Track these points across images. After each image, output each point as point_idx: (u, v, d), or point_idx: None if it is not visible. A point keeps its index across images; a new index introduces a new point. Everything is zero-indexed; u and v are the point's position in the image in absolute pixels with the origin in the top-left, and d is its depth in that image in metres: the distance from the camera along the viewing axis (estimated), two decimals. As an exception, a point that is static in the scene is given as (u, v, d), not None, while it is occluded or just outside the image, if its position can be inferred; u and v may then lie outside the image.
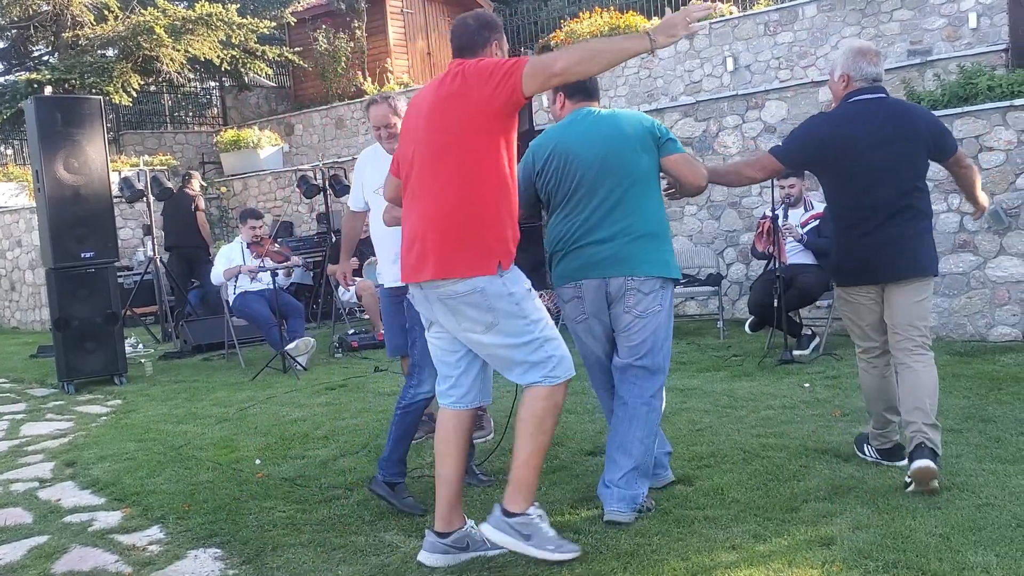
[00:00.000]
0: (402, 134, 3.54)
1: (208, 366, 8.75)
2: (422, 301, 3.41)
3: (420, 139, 3.32)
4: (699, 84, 12.39)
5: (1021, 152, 6.60)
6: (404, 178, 3.43)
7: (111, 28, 15.42)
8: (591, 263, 3.81)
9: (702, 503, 3.80)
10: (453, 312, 3.29)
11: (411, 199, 3.37)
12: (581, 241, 3.83)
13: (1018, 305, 6.69)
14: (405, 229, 3.40)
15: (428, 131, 3.29)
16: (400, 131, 3.67)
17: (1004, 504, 3.51)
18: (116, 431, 6.08)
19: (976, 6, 10.02)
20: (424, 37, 18.21)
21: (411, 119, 3.44)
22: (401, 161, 3.48)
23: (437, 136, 3.26)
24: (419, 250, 3.29)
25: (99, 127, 8.00)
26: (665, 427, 5.03)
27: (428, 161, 3.29)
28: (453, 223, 3.22)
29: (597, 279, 3.80)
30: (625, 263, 3.77)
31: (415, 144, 3.34)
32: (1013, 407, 4.94)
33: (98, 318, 7.90)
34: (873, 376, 4.11)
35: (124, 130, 18.00)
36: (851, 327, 4.19)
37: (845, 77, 4.00)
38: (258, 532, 3.87)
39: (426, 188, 3.29)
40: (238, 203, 14.38)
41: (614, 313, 3.85)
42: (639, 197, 3.81)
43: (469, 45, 3.35)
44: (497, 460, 4.58)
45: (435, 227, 3.24)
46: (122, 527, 4.09)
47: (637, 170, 3.80)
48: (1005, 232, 6.70)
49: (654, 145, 3.85)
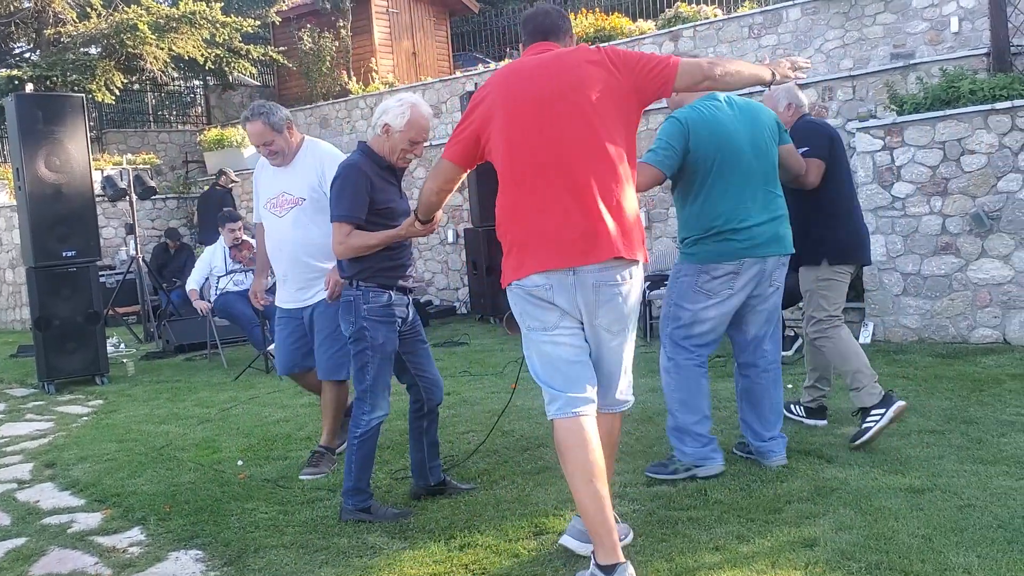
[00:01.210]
0: (510, 113, 3.16)
1: (190, 366, 8.70)
2: (568, 289, 3.09)
3: (557, 115, 3.09)
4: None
5: (1002, 155, 6.64)
6: (524, 157, 3.12)
7: (94, 25, 15.30)
8: (755, 243, 4.11)
9: (685, 504, 3.80)
10: (607, 300, 3.12)
11: (556, 176, 3.08)
12: (744, 222, 4.08)
13: (999, 307, 6.73)
14: (552, 208, 3.08)
15: (568, 110, 3.09)
16: (497, 107, 3.18)
17: (985, 505, 3.53)
18: (97, 431, 6.04)
19: (958, 10, 10.08)
20: (410, 37, 18.16)
21: (525, 95, 3.15)
22: (515, 142, 3.14)
23: (582, 117, 3.09)
24: (584, 230, 3.05)
25: (81, 125, 7.94)
26: (648, 428, 5.05)
27: (579, 138, 3.09)
28: (621, 203, 3.11)
29: (758, 258, 4.13)
30: (780, 242, 4.19)
31: (544, 120, 3.10)
32: (994, 408, 4.97)
33: (79, 317, 7.85)
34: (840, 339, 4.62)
35: (107, 128, 17.87)
36: (827, 303, 4.67)
37: (791, 106, 4.80)
38: (240, 533, 3.85)
39: (580, 166, 3.07)
40: (221, 202, 14.29)
41: (759, 289, 4.20)
42: (776, 181, 4.26)
43: (555, 29, 3.36)
44: (481, 462, 4.58)
45: (605, 207, 3.07)
46: (102, 529, 4.06)
47: (775, 156, 4.24)
48: (987, 235, 6.74)
49: (778, 134, 4.31)
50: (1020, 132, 6.56)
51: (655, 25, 13.51)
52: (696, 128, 4.05)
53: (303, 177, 4.62)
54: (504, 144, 3.15)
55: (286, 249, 4.67)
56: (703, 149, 4.05)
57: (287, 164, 4.68)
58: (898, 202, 7.12)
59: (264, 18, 17.17)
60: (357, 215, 3.76)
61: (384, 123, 3.83)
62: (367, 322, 3.80)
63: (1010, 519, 3.37)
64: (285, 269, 4.72)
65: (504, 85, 3.21)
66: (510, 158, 3.15)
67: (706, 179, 4.09)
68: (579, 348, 3.17)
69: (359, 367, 3.85)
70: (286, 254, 4.68)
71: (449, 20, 19.41)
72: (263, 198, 4.76)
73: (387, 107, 3.84)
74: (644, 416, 5.34)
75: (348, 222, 3.76)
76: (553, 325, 3.14)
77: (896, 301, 7.18)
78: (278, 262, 4.76)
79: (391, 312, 3.86)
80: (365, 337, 3.81)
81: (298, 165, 4.67)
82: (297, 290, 4.71)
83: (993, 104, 6.66)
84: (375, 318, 3.82)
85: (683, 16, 12.97)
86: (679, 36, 12.40)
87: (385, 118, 3.82)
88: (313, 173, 4.60)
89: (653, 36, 12.72)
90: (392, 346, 3.88)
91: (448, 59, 19.02)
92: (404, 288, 3.94)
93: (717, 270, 4.12)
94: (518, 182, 3.14)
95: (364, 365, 3.83)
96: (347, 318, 3.86)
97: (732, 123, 4.11)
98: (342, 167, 3.87)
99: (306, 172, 4.63)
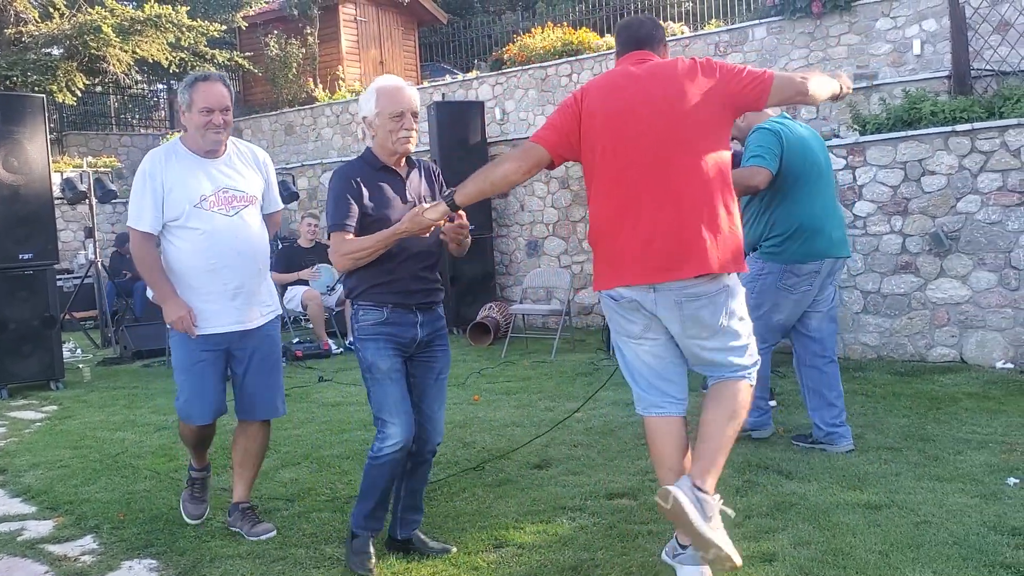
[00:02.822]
0: (608, 121, 3.15)
1: (148, 372, 8.57)
2: (649, 304, 3.13)
3: (652, 125, 3.10)
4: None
5: (962, 176, 6.75)
6: (619, 168, 3.12)
7: (56, 26, 15.10)
8: (832, 244, 4.73)
9: (646, 517, 3.80)
10: (691, 315, 3.11)
11: (650, 189, 3.09)
12: (824, 224, 4.71)
13: (957, 327, 6.83)
14: (643, 222, 3.08)
15: (665, 122, 3.10)
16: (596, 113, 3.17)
17: (941, 522, 3.56)
18: (50, 438, 5.92)
19: (920, 33, 10.25)
20: (377, 46, 18.13)
21: (623, 105, 3.15)
22: (611, 152, 3.14)
23: (679, 129, 3.10)
24: (671, 247, 3.05)
25: (41, 126, 7.82)
26: (611, 441, 5.06)
27: (675, 148, 3.09)
28: (716, 216, 3.08)
29: (832, 258, 4.74)
30: (845, 244, 4.85)
31: (640, 131, 3.10)
32: (951, 426, 5.04)
33: (35, 321, 7.71)
34: None
35: (67, 130, 17.63)
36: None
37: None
38: (195, 543, 3.78)
39: (675, 180, 3.08)
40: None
41: (824, 286, 4.80)
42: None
43: (650, 39, 3.36)
44: (442, 473, 4.55)
45: (697, 220, 3.06)
46: (53, 537, 3.97)
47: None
48: (945, 255, 6.84)
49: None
50: (979, 154, 6.68)
51: (623, 40, 13.57)
52: (788, 139, 4.65)
53: (250, 176, 3.95)
54: (600, 152, 3.16)
55: (247, 254, 3.87)
56: (794, 158, 4.65)
57: (218, 156, 3.87)
58: (859, 221, 7.20)
59: (231, 23, 17.06)
60: (343, 222, 3.39)
61: (362, 119, 3.52)
62: (359, 341, 3.49)
63: (965, 536, 3.41)
64: (240, 281, 3.85)
65: (603, 93, 3.20)
66: (605, 167, 3.15)
67: (795, 184, 4.67)
68: (662, 357, 3.25)
69: (367, 392, 3.52)
70: (246, 260, 3.87)
71: (417, 30, 19.42)
72: (183, 196, 3.76)
73: (359, 106, 3.59)
74: (606, 429, 5.35)
75: (339, 231, 3.40)
76: (637, 335, 3.22)
77: (856, 319, 7.26)
78: (229, 271, 3.83)
79: (381, 330, 3.44)
80: (360, 358, 3.50)
81: (235, 161, 3.93)
82: (248, 308, 3.89)
83: (954, 126, 6.78)
84: (364, 336, 3.47)
85: (651, 32, 13.06)
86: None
87: (360, 115, 3.54)
88: (260, 175, 4.00)
89: (621, 51, 12.78)
90: (387, 364, 3.43)
91: (416, 69, 19.02)
92: (408, 305, 3.48)
93: (802, 269, 4.68)
94: (610, 192, 3.16)
95: (367, 390, 3.50)
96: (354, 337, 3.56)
97: (811, 138, 4.80)
98: (340, 170, 3.52)
99: (250, 171, 3.96)
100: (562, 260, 10.45)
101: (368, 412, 4.14)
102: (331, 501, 4.26)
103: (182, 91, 3.83)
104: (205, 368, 3.82)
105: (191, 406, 3.84)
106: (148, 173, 3.76)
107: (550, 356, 8.13)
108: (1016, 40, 8.85)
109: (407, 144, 3.47)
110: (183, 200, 3.75)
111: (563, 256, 10.44)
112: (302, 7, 16.85)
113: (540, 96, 13.22)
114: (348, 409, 6.31)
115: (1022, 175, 6.49)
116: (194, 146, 3.84)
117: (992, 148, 6.62)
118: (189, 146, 3.85)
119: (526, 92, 13.38)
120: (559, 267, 10.37)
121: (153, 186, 3.75)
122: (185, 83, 3.83)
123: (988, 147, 6.63)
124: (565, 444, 5.05)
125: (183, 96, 3.81)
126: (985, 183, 6.65)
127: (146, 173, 3.76)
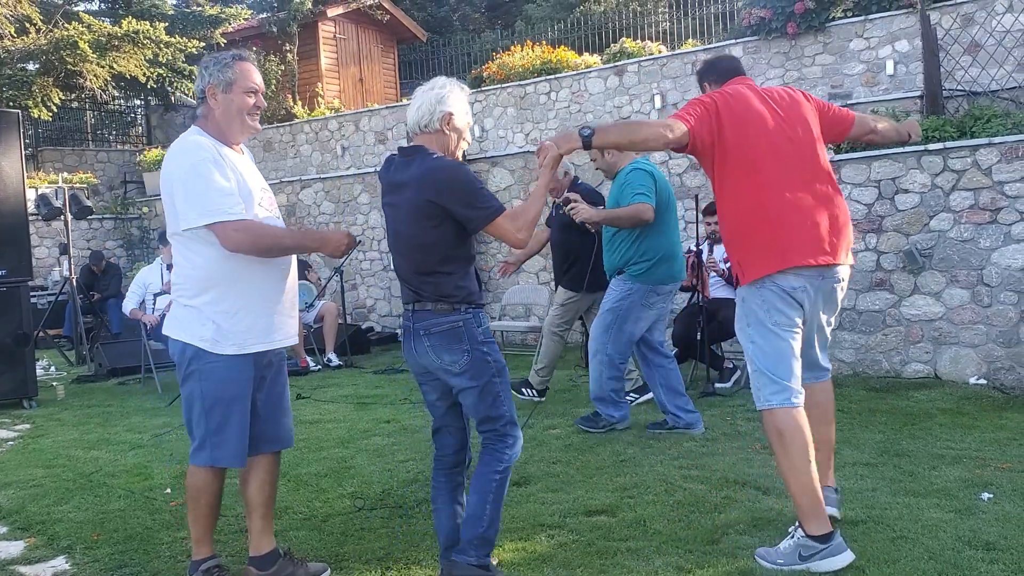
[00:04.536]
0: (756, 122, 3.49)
1: (123, 390, 8.50)
2: (816, 290, 3.49)
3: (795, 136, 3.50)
4: (628, 119, 12.56)
5: (934, 195, 6.83)
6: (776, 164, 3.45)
7: (32, 41, 15.02)
8: (682, 268, 5.79)
9: (624, 534, 3.80)
10: (831, 299, 3.58)
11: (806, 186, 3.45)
12: (678, 251, 5.71)
13: (931, 343, 6.89)
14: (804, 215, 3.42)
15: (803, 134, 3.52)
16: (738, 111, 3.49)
17: (917, 537, 3.59)
18: (23, 456, 5.85)
19: (893, 54, 10.38)
20: (357, 63, 18.16)
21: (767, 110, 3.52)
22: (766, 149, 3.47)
23: (813, 142, 3.54)
24: (829, 237, 3.44)
25: (16, 141, 7.76)
26: (589, 458, 5.06)
27: (806, 157, 3.50)
28: (847, 214, 3.54)
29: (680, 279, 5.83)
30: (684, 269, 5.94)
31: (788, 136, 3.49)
32: (926, 442, 5.08)
33: (8, 339, 7.62)
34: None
35: (43, 146, 17.52)
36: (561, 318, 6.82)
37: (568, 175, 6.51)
38: (170, 563, 3.74)
39: (820, 181, 3.49)
40: (160, 224, 14.06)
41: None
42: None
43: (742, 69, 3.80)
44: (421, 491, 4.53)
45: (840, 215, 3.49)
46: (24, 558, 3.92)
47: None
48: (919, 272, 6.91)
49: None
50: (951, 173, 6.76)
51: (600, 60, 13.67)
52: (658, 178, 5.54)
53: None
54: (748, 147, 3.45)
55: (293, 263, 3.50)
56: (662, 194, 5.49)
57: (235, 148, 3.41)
58: (835, 238, 7.25)
59: (209, 39, 17.05)
60: (501, 204, 3.24)
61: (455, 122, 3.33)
62: (485, 345, 3.25)
63: (941, 551, 3.43)
64: (291, 290, 3.49)
65: (743, 101, 3.52)
66: (756, 161, 3.45)
67: (661, 217, 5.50)
68: (799, 348, 3.52)
69: (492, 399, 3.25)
70: (294, 268, 3.51)
71: (397, 48, 19.48)
72: (246, 193, 3.29)
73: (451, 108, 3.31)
74: (585, 446, 5.35)
75: (502, 212, 3.20)
76: (793, 324, 3.48)
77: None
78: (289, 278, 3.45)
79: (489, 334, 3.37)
80: (488, 362, 3.25)
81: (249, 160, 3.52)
82: (291, 321, 3.49)
83: (926, 145, 6.86)
84: (487, 339, 3.28)
85: (628, 51, 13.15)
86: (624, 71, 12.57)
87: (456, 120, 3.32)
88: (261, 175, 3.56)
89: (599, 70, 12.87)
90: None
91: (395, 86, 19.06)
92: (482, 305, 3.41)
93: (664, 288, 5.63)
94: (766, 185, 3.44)
95: (497, 394, 3.26)
96: (457, 347, 3.23)
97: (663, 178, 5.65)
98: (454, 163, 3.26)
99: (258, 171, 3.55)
100: (541, 277, 10.46)
101: (347, 430, 4.13)
102: (308, 520, 4.23)
103: (215, 70, 3.31)
104: (248, 394, 3.31)
105: (230, 443, 3.26)
106: (212, 160, 3.20)
107: (528, 373, 8.12)
108: (986, 61, 8.98)
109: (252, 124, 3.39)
110: (247, 198, 3.28)
111: (542, 273, 10.46)
112: (281, 24, 16.86)
113: (519, 114, 13.27)
114: (326, 427, 6.27)
115: (993, 193, 6.58)
116: (226, 133, 3.33)
117: (964, 167, 6.70)
118: (214, 134, 3.31)
119: (505, 110, 13.43)
120: (538, 284, 10.39)
121: (224, 174, 3.20)
122: (217, 61, 3.33)
123: (960, 166, 6.72)
124: (544, 461, 5.05)
125: (219, 75, 3.30)
126: (957, 201, 6.74)
127: (208, 161, 3.19)
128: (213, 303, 3.25)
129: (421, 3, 24.20)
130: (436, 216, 3.17)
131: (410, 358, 3.36)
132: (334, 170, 14.56)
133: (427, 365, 3.29)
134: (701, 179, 8.74)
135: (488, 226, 3.19)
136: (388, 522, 4.12)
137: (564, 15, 20.27)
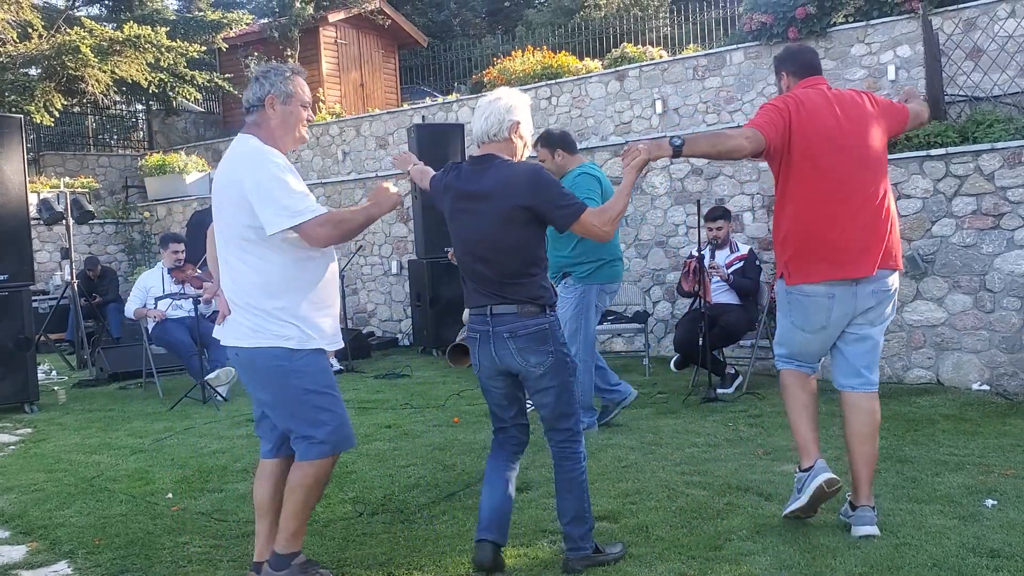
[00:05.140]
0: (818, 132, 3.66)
1: (124, 395, 8.49)
2: (849, 297, 3.70)
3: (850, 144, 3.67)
4: (629, 125, 12.57)
5: (936, 200, 6.83)
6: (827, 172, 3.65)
7: (34, 46, 15.04)
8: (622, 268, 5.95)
9: (627, 541, 3.79)
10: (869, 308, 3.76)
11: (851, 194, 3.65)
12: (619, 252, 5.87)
13: (933, 348, 6.88)
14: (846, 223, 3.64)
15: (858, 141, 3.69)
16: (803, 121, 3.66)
17: (921, 544, 3.58)
18: (25, 461, 5.84)
19: (895, 59, 10.39)
20: (358, 68, 18.18)
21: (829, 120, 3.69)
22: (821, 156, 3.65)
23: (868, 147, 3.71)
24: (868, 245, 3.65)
25: (18, 146, 7.76)
26: (591, 464, 5.03)
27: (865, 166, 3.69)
28: (894, 221, 3.73)
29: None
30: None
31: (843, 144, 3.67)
32: (928, 448, 5.07)
33: (10, 343, 7.62)
34: None
35: (45, 151, 17.51)
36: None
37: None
38: (172, 568, 3.74)
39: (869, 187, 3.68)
40: (161, 228, 14.07)
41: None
42: None
43: (819, 65, 3.95)
44: (422, 496, 4.52)
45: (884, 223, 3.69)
46: (27, 562, 3.91)
47: None
48: (921, 277, 6.91)
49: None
50: (953, 178, 6.76)
51: (602, 65, 13.70)
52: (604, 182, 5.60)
53: None
54: (810, 156, 3.65)
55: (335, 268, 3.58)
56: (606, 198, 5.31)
57: None
58: (836, 244, 7.25)
59: (211, 44, 17.07)
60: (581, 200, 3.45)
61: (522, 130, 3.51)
62: (564, 346, 3.46)
63: (944, 557, 3.42)
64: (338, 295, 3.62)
65: (810, 109, 3.69)
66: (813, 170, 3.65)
67: None
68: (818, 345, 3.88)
69: (568, 396, 3.46)
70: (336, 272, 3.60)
71: (398, 53, 19.50)
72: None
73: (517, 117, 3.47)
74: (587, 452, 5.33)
75: (584, 207, 3.38)
76: (813, 330, 3.81)
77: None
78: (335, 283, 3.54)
79: None
80: (567, 363, 3.44)
81: None
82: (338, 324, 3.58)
83: (928, 151, 6.86)
84: (564, 340, 3.51)
85: (629, 56, 13.17)
86: (625, 76, 12.58)
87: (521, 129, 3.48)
88: None
89: (599, 75, 12.89)
90: None
91: (396, 91, 19.08)
92: None
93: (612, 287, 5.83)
94: (812, 192, 3.66)
95: (572, 392, 3.48)
96: (543, 349, 3.37)
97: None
98: (534, 166, 3.42)
99: None
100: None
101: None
102: (309, 525, 4.17)
103: (277, 80, 3.43)
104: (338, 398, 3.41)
105: (344, 428, 3.35)
106: (286, 165, 3.29)
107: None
108: (988, 66, 8.99)
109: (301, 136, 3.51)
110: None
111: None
112: (282, 29, 16.89)
113: (520, 119, 13.25)
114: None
115: (996, 199, 6.57)
116: (279, 141, 3.41)
117: (966, 172, 6.70)
118: (266, 140, 3.39)
119: (506, 115, 13.41)
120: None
121: (296, 176, 3.31)
122: (279, 72, 3.46)
123: (962, 171, 6.72)
124: (546, 467, 5.03)
125: (280, 86, 3.42)
126: (960, 207, 6.73)
127: (282, 166, 3.26)
128: (291, 307, 3.30)
129: (422, 8, 24.24)
130: (524, 220, 3.33)
131: (486, 361, 3.46)
132: (335, 175, 14.57)
133: (511, 367, 3.41)
134: (703, 184, 8.74)
135: (575, 223, 3.33)
136: (390, 527, 4.11)
137: (565, 20, 20.31)
